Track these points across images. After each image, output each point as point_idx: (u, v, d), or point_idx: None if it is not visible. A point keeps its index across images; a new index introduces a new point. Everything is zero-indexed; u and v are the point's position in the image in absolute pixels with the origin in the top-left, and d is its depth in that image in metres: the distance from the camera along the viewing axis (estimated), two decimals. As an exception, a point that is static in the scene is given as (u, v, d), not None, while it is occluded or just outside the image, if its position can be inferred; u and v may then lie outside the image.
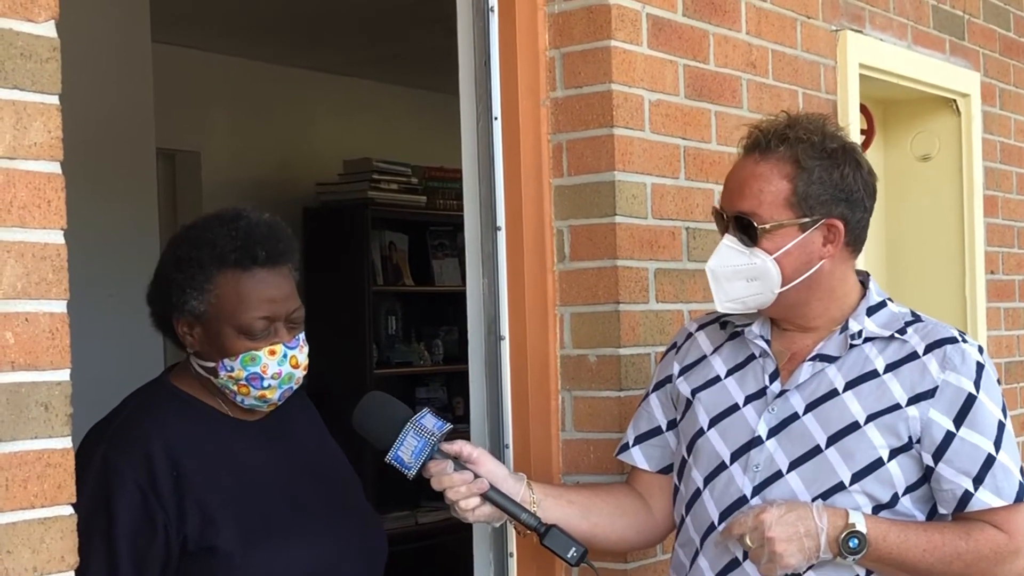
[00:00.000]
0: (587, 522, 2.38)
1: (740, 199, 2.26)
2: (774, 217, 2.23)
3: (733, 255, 2.26)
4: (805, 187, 2.22)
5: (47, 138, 1.65)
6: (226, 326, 2.20)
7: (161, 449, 2.16)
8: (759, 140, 2.27)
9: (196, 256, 2.22)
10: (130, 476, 2.13)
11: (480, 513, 2.25)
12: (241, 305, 2.19)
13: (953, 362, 2.22)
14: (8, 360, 1.59)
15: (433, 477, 2.22)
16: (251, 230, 2.23)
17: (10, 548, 1.59)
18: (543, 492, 2.35)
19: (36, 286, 1.62)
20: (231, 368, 2.21)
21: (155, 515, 2.12)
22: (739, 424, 2.30)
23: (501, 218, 2.84)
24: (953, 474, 2.19)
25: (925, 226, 4.37)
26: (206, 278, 2.20)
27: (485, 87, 2.83)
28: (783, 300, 2.26)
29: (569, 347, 2.90)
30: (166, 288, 2.24)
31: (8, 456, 1.59)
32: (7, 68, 1.60)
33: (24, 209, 1.62)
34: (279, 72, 7.11)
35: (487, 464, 2.27)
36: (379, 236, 7.12)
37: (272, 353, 2.21)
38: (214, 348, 2.22)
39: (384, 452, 2.21)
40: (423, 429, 2.19)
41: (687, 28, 3.06)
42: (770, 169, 2.24)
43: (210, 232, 2.24)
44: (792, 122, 2.27)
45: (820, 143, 2.25)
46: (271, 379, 2.21)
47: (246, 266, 2.20)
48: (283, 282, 2.25)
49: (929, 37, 4.17)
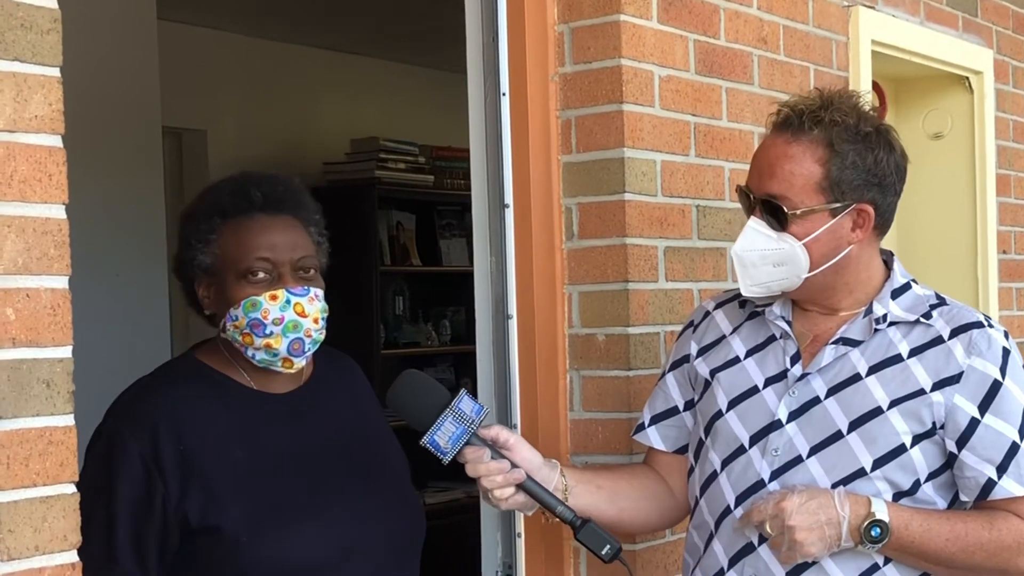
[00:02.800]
0: (615, 507, 2.35)
1: (770, 181, 2.19)
2: (805, 202, 2.17)
3: (760, 239, 2.20)
4: (838, 172, 2.17)
5: (48, 111, 1.62)
6: (229, 273, 2.19)
7: (169, 424, 2.13)
8: (791, 119, 2.20)
9: (201, 209, 2.24)
10: (134, 448, 2.10)
11: (514, 502, 2.20)
12: (240, 248, 2.18)
13: (979, 347, 2.18)
14: (9, 336, 1.57)
15: (469, 464, 2.16)
16: (248, 177, 2.26)
17: (12, 527, 1.57)
18: (575, 478, 2.31)
19: (37, 261, 1.60)
20: (235, 317, 2.17)
21: (155, 489, 2.09)
22: (758, 407, 2.27)
23: (509, 195, 2.81)
24: (976, 461, 2.16)
25: (937, 205, 4.34)
26: (210, 228, 2.21)
27: (493, 63, 2.80)
28: (809, 284, 2.22)
29: (577, 326, 2.87)
30: (180, 249, 2.26)
31: (9, 434, 1.57)
32: (7, 39, 1.58)
33: (24, 183, 1.59)
34: (286, 51, 7.08)
35: (522, 451, 2.22)
36: (386, 216, 7.10)
37: (273, 298, 2.15)
38: (222, 300, 2.20)
39: (420, 434, 2.16)
40: (462, 415, 2.13)
41: (698, 3, 3.02)
42: (803, 151, 2.17)
43: (214, 189, 2.28)
44: (826, 102, 2.20)
45: (855, 126, 2.19)
46: (272, 325, 2.15)
47: (245, 210, 2.20)
48: (289, 229, 2.22)
49: (942, 14, 4.14)
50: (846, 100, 2.23)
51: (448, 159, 7.24)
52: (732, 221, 3.02)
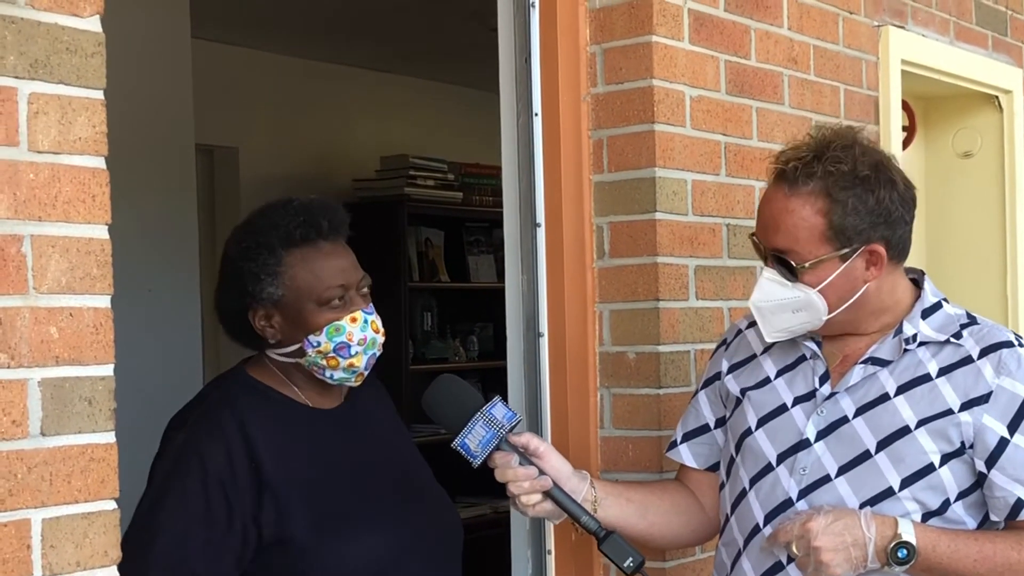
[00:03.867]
0: (645, 521, 2.37)
1: (775, 235, 2.21)
2: (812, 253, 2.18)
3: (776, 288, 2.22)
4: (840, 219, 2.16)
5: (92, 133, 1.65)
6: (306, 303, 2.24)
7: (240, 439, 2.19)
8: (786, 173, 2.19)
9: (264, 242, 2.25)
10: (210, 464, 2.16)
11: (540, 509, 2.23)
12: (316, 278, 2.24)
13: (1008, 367, 2.18)
14: (53, 355, 1.60)
15: (497, 468, 2.20)
16: (308, 206, 2.29)
17: (54, 542, 1.60)
18: (604, 491, 2.33)
19: (81, 281, 1.63)
20: (318, 343, 2.24)
21: (232, 506, 2.15)
22: (787, 425, 2.28)
23: (541, 215, 2.83)
24: (1006, 481, 2.15)
25: (967, 223, 4.33)
26: (277, 260, 2.24)
27: (525, 83, 2.83)
28: (832, 323, 2.23)
29: (608, 344, 2.89)
30: (239, 282, 2.26)
31: (52, 451, 1.60)
32: (53, 63, 1.61)
33: (69, 204, 1.62)
34: (317, 68, 7.13)
35: (552, 460, 2.25)
36: (415, 232, 7.13)
37: (354, 320, 2.25)
38: (298, 328, 2.25)
39: (451, 437, 2.20)
40: (493, 420, 2.18)
41: (728, 23, 3.04)
42: (801, 205, 2.17)
43: (270, 217, 2.29)
44: (819, 151, 2.18)
45: (851, 171, 2.17)
46: (357, 345, 2.25)
47: (312, 240, 2.25)
48: (347, 252, 2.31)
49: (971, 33, 4.14)
50: (840, 141, 2.20)
51: (476, 176, 7.26)
52: (762, 240, 3.03)
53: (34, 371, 1.58)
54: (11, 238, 1.56)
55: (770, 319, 2.25)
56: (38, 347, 1.58)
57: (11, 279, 1.56)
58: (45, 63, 1.60)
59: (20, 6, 1.58)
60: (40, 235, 1.59)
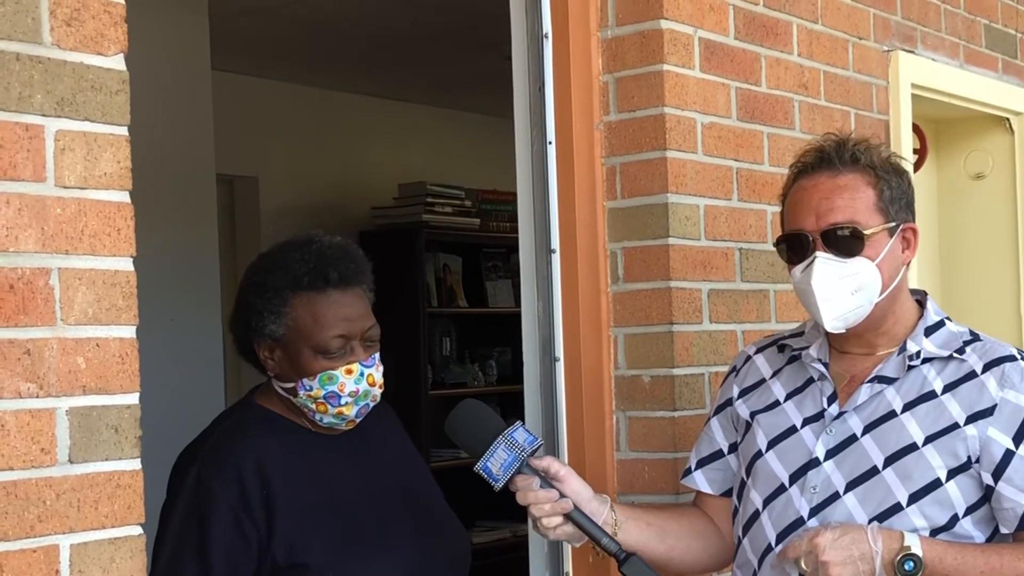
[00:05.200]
0: (664, 544, 2.39)
1: (830, 214, 2.23)
2: (871, 222, 2.23)
3: (833, 268, 2.22)
4: (889, 192, 2.25)
5: (117, 168, 1.70)
6: (304, 347, 2.26)
7: (252, 469, 2.22)
8: (828, 156, 2.27)
9: (272, 281, 2.28)
10: (223, 496, 2.19)
11: (561, 532, 2.25)
12: (317, 326, 2.25)
13: (1012, 380, 2.20)
14: (80, 384, 1.64)
15: (519, 491, 2.23)
16: (323, 253, 2.30)
17: (81, 568, 1.64)
18: (624, 514, 2.35)
19: (107, 312, 1.67)
20: (310, 387, 2.27)
21: (249, 533, 2.18)
22: (797, 446, 2.30)
23: (555, 240, 2.87)
24: (1014, 492, 2.17)
25: (979, 244, 4.35)
26: (282, 301, 2.27)
27: (539, 112, 2.87)
28: (874, 314, 2.25)
29: (623, 367, 2.92)
30: (246, 314, 2.31)
31: (80, 478, 1.64)
32: (79, 100, 1.66)
33: (95, 237, 1.67)
34: (335, 98, 7.19)
35: (573, 483, 2.28)
36: (433, 259, 7.17)
37: (349, 372, 2.27)
38: (293, 369, 2.28)
39: (474, 461, 2.23)
40: (514, 443, 2.21)
41: (739, 51, 3.08)
42: (853, 179, 2.25)
43: (284, 257, 2.31)
44: (851, 139, 2.30)
45: (880, 155, 2.29)
46: (348, 397, 2.27)
47: (320, 287, 2.26)
48: (357, 302, 2.31)
49: (981, 56, 4.17)
50: (855, 140, 2.31)
51: (494, 202, 7.31)
52: (774, 264, 3.06)
53: (62, 400, 1.62)
54: (39, 271, 1.61)
55: (831, 303, 2.23)
56: (66, 377, 1.63)
57: (39, 311, 1.61)
58: (71, 101, 1.65)
59: (47, 46, 1.63)
60: (67, 268, 1.64)
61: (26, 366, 1.59)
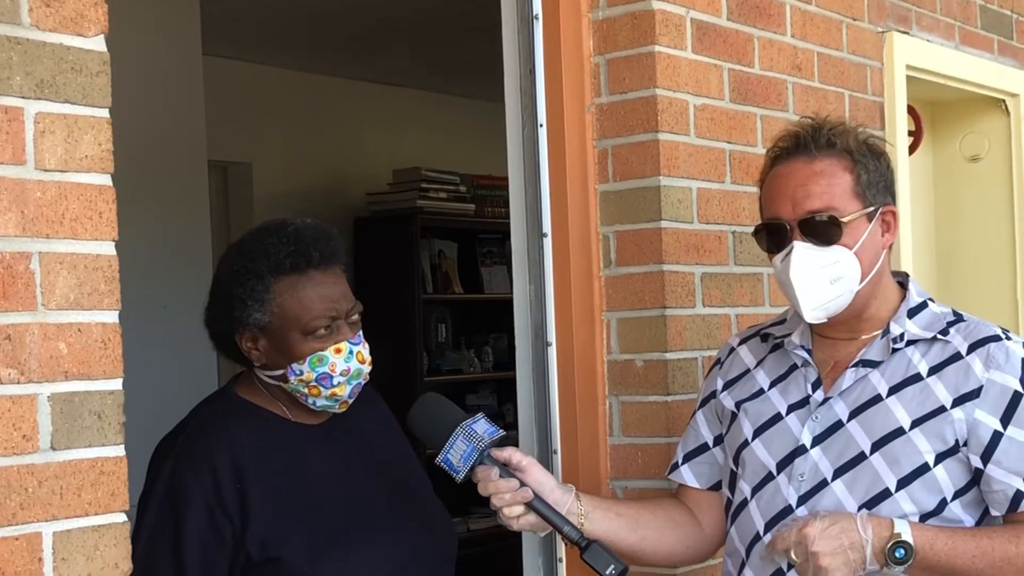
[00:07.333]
0: (635, 535, 2.37)
1: (807, 201, 2.21)
2: (848, 209, 2.21)
3: (812, 257, 2.20)
4: (866, 176, 2.23)
5: (98, 151, 1.68)
6: (291, 331, 2.24)
7: (227, 463, 2.20)
8: (803, 142, 2.24)
9: (252, 268, 2.25)
10: (197, 492, 2.17)
11: (524, 522, 2.25)
12: (303, 308, 2.23)
13: (997, 360, 2.19)
14: (62, 370, 1.63)
15: (480, 482, 2.23)
16: (300, 234, 2.27)
17: (65, 555, 1.62)
18: (591, 504, 2.34)
19: (88, 297, 1.66)
20: (300, 372, 2.25)
21: (223, 528, 2.16)
22: (783, 433, 2.28)
23: (547, 224, 2.85)
24: (1003, 475, 2.15)
25: (975, 227, 4.34)
26: (265, 288, 2.24)
27: (530, 94, 2.85)
28: (855, 302, 2.23)
29: (616, 352, 2.91)
30: (227, 305, 2.27)
31: (63, 464, 1.62)
32: (58, 82, 1.64)
33: (76, 221, 1.65)
34: (329, 84, 7.17)
35: (535, 473, 2.27)
36: (428, 244, 7.16)
37: (338, 351, 2.25)
38: (281, 355, 2.25)
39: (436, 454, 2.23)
40: (473, 434, 2.21)
41: (732, 32, 3.06)
42: (830, 165, 2.22)
43: (261, 242, 2.27)
44: (826, 123, 2.27)
45: (856, 138, 2.26)
46: (340, 376, 2.25)
47: (301, 269, 2.24)
48: (338, 281, 2.29)
49: (977, 37, 4.15)
50: (830, 124, 2.28)
51: (489, 188, 7.30)
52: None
53: (44, 386, 1.61)
54: (19, 255, 1.59)
55: (810, 293, 2.21)
56: (47, 362, 1.61)
57: (20, 296, 1.59)
58: (51, 83, 1.63)
59: (25, 27, 1.61)
60: (48, 252, 1.62)
61: (7, 352, 1.57)
